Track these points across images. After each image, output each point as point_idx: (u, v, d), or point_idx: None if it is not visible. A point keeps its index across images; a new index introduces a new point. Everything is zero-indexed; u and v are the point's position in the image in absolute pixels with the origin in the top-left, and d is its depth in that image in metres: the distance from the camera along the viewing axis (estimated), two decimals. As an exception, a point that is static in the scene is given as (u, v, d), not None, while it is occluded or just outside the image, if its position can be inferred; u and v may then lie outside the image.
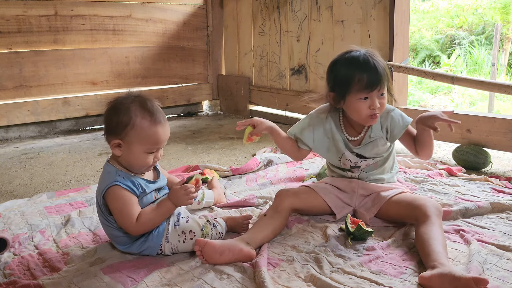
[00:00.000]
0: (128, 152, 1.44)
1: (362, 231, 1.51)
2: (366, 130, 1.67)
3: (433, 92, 6.17)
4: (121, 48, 3.81)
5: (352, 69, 1.54)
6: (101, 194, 1.43)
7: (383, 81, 1.54)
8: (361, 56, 1.55)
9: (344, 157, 1.70)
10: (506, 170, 2.31)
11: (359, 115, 1.58)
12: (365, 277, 1.30)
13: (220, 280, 1.31)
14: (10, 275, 1.38)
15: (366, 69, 1.52)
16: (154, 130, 1.43)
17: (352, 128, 1.69)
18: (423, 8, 9.22)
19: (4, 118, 3.36)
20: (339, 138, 1.70)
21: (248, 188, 2.10)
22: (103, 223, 1.49)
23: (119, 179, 1.43)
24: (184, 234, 1.46)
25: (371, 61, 1.54)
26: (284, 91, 3.70)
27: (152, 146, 1.45)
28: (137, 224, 1.40)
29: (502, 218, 1.68)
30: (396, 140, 1.68)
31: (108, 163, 1.50)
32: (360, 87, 1.53)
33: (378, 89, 1.54)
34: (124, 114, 1.41)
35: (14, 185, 2.36)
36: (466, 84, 2.60)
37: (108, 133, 1.46)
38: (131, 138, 1.42)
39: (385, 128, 1.66)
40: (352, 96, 1.56)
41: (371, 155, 1.69)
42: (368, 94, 1.54)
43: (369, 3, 2.92)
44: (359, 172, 1.73)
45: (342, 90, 1.57)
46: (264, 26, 3.81)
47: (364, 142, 1.67)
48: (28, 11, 3.37)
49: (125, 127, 1.41)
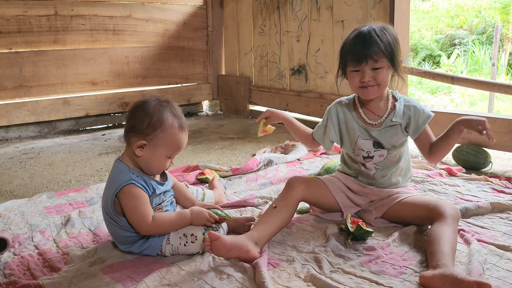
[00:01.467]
0: (150, 154, 1.45)
1: (362, 231, 1.51)
2: (388, 114, 1.65)
3: (433, 92, 6.17)
4: (121, 48, 3.81)
5: (349, 42, 1.60)
6: (114, 193, 1.42)
7: (373, 55, 1.54)
8: (360, 30, 1.59)
9: (357, 146, 1.68)
10: (506, 170, 2.31)
11: (353, 86, 1.63)
12: (365, 277, 1.30)
13: (220, 280, 1.31)
14: (10, 275, 1.38)
15: (358, 43, 1.57)
16: (180, 136, 1.47)
17: (372, 111, 1.68)
18: (423, 8, 9.23)
19: (4, 118, 3.37)
20: (353, 125, 1.69)
21: (248, 188, 2.10)
22: (108, 221, 1.48)
23: (134, 178, 1.43)
24: (185, 237, 1.46)
25: (367, 36, 1.56)
26: (284, 91, 3.70)
27: (174, 152, 1.48)
28: (152, 225, 1.41)
29: (502, 218, 1.68)
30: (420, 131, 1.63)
31: (120, 161, 1.49)
32: (351, 59, 1.58)
33: (366, 63, 1.55)
34: (156, 116, 1.43)
35: (14, 185, 2.36)
36: (466, 84, 2.60)
37: (132, 132, 1.45)
38: (158, 141, 1.44)
39: (407, 116, 1.64)
40: (348, 68, 1.62)
41: (388, 144, 1.66)
42: (358, 67, 1.57)
43: (369, 3, 2.92)
44: (373, 169, 1.69)
45: (343, 62, 1.64)
46: (264, 26, 3.81)
47: (384, 125, 1.65)
48: (28, 11, 3.38)
49: (155, 129, 1.43)
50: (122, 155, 1.51)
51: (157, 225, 1.42)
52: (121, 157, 1.50)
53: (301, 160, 2.57)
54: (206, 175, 2.22)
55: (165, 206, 1.52)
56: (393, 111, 1.65)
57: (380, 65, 1.56)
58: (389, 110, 1.65)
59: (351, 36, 1.61)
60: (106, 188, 1.49)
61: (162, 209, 1.51)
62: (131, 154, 1.47)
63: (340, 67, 1.66)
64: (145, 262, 1.43)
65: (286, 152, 2.71)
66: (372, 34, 1.55)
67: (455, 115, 2.50)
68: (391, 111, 1.65)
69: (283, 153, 2.71)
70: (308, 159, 2.59)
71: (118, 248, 1.51)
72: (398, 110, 1.64)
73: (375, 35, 1.55)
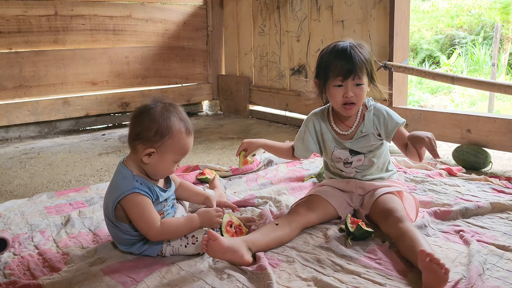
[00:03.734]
0: (158, 161, 1.43)
1: (362, 231, 1.51)
2: (358, 125, 1.69)
3: (433, 92, 6.17)
4: (121, 48, 3.81)
5: (331, 57, 1.62)
6: (116, 200, 1.40)
7: (358, 71, 1.58)
8: (341, 46, 1.62)
9: (334, 155, 1.73)
10: (506, 170, 2.31)
11: (335, 102, 1.65)
12: (369, 278, 1.29)
13: (221, 280, 1.31)
14: (10, 275, 1.38)
15: (341, 58, 1.59)
16: (188, 141, 1.46)
17: (343, 122, 1.72)
18: (423, 8, 9.23)
19: (4, 118, 3.36)
20: (328, 137, 1.73)
21: (248, 188, 2.10)
22: (109, 224, 1.48)
23: (137, 186, 1.41)
24: (186, 239, 1.46)
25: (349, 51, 1.59)
26: (284, 91, 3.70)
27: (181, 156, 1.48)
28: (160, 230, 1.40)
29: (502, 218, 1.68)
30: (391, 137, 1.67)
31: (124, 165, 1.46)
32: (335, 74, 1.60)
33: (352, 78, 1.58)
34: (164, 123, 1.41)
35: (14, 185, 2.36)
36: (466, 84, 2.60)
37: (139, 140, 1.42)
38: (167, 148, 1.42)
39: (377, 123, 1.67)
40: (329, 83, 1.63)
41: (363, 150, 1.70)
42: (342, 82, 1.60)
43: (369, 3, 2.92)
44: (354, 172, 1.74)
45: (323, 76, 1.65)
46: (264, 26, 3.81)
47: (355, 137, 1.69)
48: (28, 11, 3.37)
49: (163, 136, 1.41)
50: (126, 158, 1.49)
51: (165, 231, 1.41)
52: (126, 161, 1.48)
53: (301, 160, 2.57)
54: (206, 175, 2.22)
55: (166, 211, 1.52)
56: (362, 122, 1.69)
57: (362, 81, 1.61)
58: (358, 120, 1.70)
59: (331, 50, 1.64)
60: (108, 192, 1.47)
61: (164, 214, 1.50)
62: (137, 160, 1.45)
63: (319, 80, 1.67)
64: (145, 262, 1.43)
65: (286, 152, 2.71)
66: (355, 50, 1.60)
67: (455, 115, 2.52)
68: (361, 121, 1.70)
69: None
70: (308, 159, 2.59)
71: (118, 248, 1.51)
72: (367, 121, 1.69)
73: (358, 51, 1.60)
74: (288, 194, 2.02)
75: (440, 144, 2.79)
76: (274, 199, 1.92)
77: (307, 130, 1.77)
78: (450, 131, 2.52)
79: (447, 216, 1.69)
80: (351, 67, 1.57)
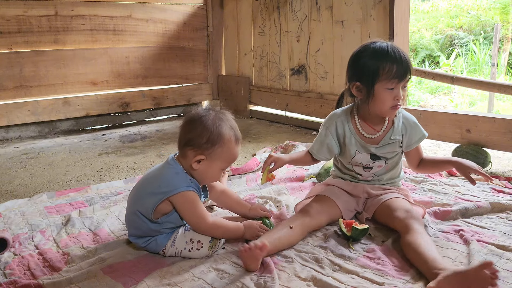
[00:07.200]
0: (207, 168, 1.47)
1: (358, 231, 1.51)
2: (386, 130, 1.66)
3: (433, 92, 6.17)
4: (121, 48, 3.81)
5: (382, 58, 1.55)
6: (168, 195, 1.42)
7: (409, 73, 1.57)
8: (389, 47, 1.57)
9: (355, 160, 1.70)
10: (506, 170, 2.31)
11: (382, 106, 1.59)
12: (367, 278, 1.30)
13: (221, 280, 1.31)
14: (10, 275, 1.38)
15: (396, 60, 1.54)
16: (236, 150, 1.50)
17: (370, 125, 1.68)
18: (423, 8, 9.23)
19: (4, 118, 3.37)
20: (351, 141, 1.68)
21: (248, 188, 2.10)
22: (135, 213, 1.47)
23: (191, 184, 1.45)
24: (192, 243, 1.46)
25: (400, 52, 1.56)
26: (284, 91, 3.70)
27: (229, 164, 1.52)
28: (211, 225, 1.44)
29: (502, 218, 1.69)
30: (412, 148, 1.68)
31: (176, 161, 1.50)
32: (389, 77, 1.54)
33: (406, 80, 1.57)
34: (216, 131, 1.45)
35: (14, 185, 2.36)
36: (466, 84, 2.61)
37: (190, 146, 1.46)
38: (216, 155, 1.46)
39: (404, 132, 1.67)
40: (379, 86, 1.56)
41: (387, 155, 1.68)
42: (395, 85, 1.55)
43: (369, 3, 2.92)
44: (371, 177, 1.72)
45: (371, 79, 1.57)
46: (264, 26, 3.81)
47: (382, 143, 1.66)
48: (28, 11, 3.38)
49: (214, 144, 1.45)
50: (178, 156, 1.51)
51: (216, 227, 1.45)
52: (177, 158, 1.51)
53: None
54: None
55: None
56: (391, 128, 1.66)
57: (407, 82, 1.59)
58: (386, 125, 1.66)
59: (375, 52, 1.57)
60: (149, 182, 1.48)
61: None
62: (186, 165, 1.48)
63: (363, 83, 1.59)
64: (145, 262, 1.43)
65: (286, 152, 2.71)
66: (400, 51, 1.56)
67: (454, 115, 2.52)
68: (389, 127, 1.66)
69: (283, 153, 2.71)
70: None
71: (118, 248, 1.52)
72: (397, 127, 1.66)
73: (401, 52, 1.56)
74: (288, 194, 2.02)
75: (440, 144, 2.79)
76: (274, 199, 1.92)
77: (329, 133, 1.71)
78: (449, 131, 2.52)
79: (447, 216, 1.69)
80: (406, 69, 1.54)
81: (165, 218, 1.45)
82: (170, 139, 3.31)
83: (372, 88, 1.57)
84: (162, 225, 1.46)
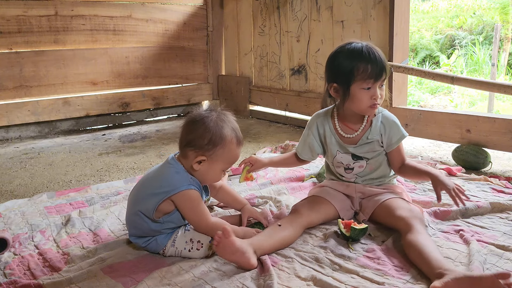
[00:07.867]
0: (207, 169, 1.47)
1: (357, 231, 1.51)
2: (364, 130, 1.67)
3: (433, 92, 6.17)
4: (121, 48, 3.81)
5: (356, 59, 1.56)
6: (169, 194, 1.42)
7: (384, 72, 1.57)
8: (364, 47, 1.58)
9: (336, 159, 1.71)
10: (506, 170, 2.31)
11: (360, 105, 1.60)
12: (367, 277, 1.30)
13: (221, 280, 1.31)
14: (10, 275, 1.38)
15: (370, 60, 1.55)
16: (238, 151, 1.51)
17: (348, 125, 1.69)
18: (423, 8, 9.24)
19: (4, 118, 3.37)
20: (331, 141, 1.71)
21: (248, 188, 2.10)
22: (136, 213, 1.46)
23: (192, 183, 1.46)
24: (192, 243, 1.46)
25: (372, 52, 1.57)
26: (284, 91, 3.70)
27: (230, 165, 1.52)
28: (210, 226, 1.44)
29: (502, 218, 1.69)
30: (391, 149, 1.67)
31: (176, 160, 1.50)
32: (364, 77, 1.55)
33: (382, 80, 1.57)
34: (218, 133, 1.45)
35: (14, 185, 2.36)
36: (466, 84, 2.60)
37: (191, 147, 1.46)
38: (217, 156, 1.46)
39: (383, 132, 1.66)
40: (355, 86, 1.58)
41: (367, 155, 1.68)
42: (371, 85, 1.56)
43: (369, 3, 2.92)
44: (354, 177, 1.73)
45: (346, 79, 1.58)
46: (264, 26, 3.81)
47: (360, 142, 1.67)
48: (28, 11, 3.38)
49: (216, 146, 1.45)
50: (178, 155, 1.51)
51: (216, 227, 1.43)
52: (178, 157, 1.51)
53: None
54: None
55: None
56: (369, 128, 1.67)
57: (384, 82, 1.60)
58: (365, 125, 1.67)
59: (349, 53, 1.58)
60: (149, 182, 1.48)
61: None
62: (186, 165, 1.48)
63: (339, 83, 1.61)
64: (145, 262, 1.43)
65: (286, 152, 2.71)
66: (375, 51, 1.57)
67: (454, 115, 2.52)
68: (367, 127, 1.67)
69: (283, 153, 2.71)
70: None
71: (118, 248, 1.52)
72: (374, 127, 1.66)
73: (376, 52, 1.57)
74: (288, 194, 2.02)
75: (440, 144, 2.79)
76: (274, 199, 1.92)
77: (311, 133, 1.75)
78: (449, 131, 2.52)
79: (447, 216, 1.69)
80: (381, 69, 1.55)
81: (167, 218, 1.46)
82: (170, 139, 3.31)
83: (348, 88, 1.59)
84: (163, 225, 1.46)
